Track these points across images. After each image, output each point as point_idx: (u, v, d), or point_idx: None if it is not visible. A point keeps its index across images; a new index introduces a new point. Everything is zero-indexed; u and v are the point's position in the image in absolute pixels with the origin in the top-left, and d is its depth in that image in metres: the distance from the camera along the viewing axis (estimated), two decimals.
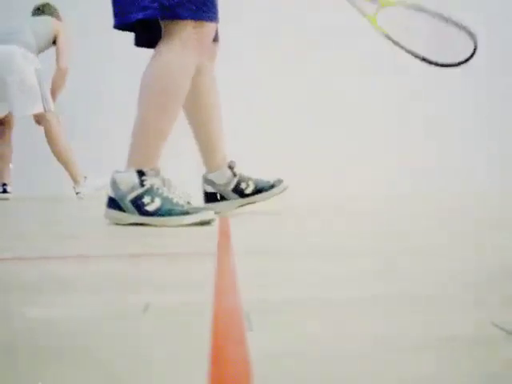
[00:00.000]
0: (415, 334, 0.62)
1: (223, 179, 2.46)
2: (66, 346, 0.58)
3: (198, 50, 2.05)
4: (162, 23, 2.05)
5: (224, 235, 1.67)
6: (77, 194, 4.35)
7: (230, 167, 2.47)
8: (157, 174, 1.98)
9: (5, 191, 4.50)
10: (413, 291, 0.84)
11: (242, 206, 2.48)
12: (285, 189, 2.46)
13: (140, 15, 2.01)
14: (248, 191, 2.45)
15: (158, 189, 1.93)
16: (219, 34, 2.40)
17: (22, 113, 4.26)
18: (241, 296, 0.79)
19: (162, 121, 2.03)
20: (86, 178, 4.31)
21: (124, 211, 1.94)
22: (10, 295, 0.84)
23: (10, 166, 4.61)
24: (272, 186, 2.46)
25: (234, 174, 2.46)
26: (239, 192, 2.46)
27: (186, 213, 1.88)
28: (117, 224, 1.97)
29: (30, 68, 4.20)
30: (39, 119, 4.28)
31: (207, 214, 1.90)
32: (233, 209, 2.47)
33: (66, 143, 4.29)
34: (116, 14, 2.08)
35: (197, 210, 1.90)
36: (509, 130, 5.98)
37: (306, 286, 0.88)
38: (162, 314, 0.71)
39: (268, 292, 0.83)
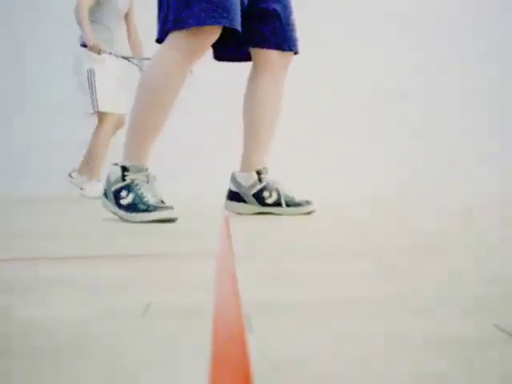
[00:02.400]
0: (415, 334, 0.62)
1: (248, 182, 2.47)
2: (66, 346, 0.58)
3: (185, 53, 2.12)
4: None
5: (224, 236, 1.67)
6: (80, 189, 4.40)
7: (258, 173, 2.46)
8: (140, 170, 2.12)
9: (70, 175, 4.52)
10: (413, 291, 0.84)
11: (258, 213, 2.46)
12: (308, 212, 2.41)
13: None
14: (269, 201, 2.45)
15: (136, 185, 2.08)
16: (298, 48, 2.47)
17: (86, 111, 4.39)
18: (241, 297, 0.79)
19: (147, 121, 2.15)
20: (99, 182, 4.35)
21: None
22: (9, 295, 0.84)
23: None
24: (296, 205, 2.43)
25: (260, 181, 2.46)
26: (260, 199, 2.46)
27: (148, 210, 2.01)
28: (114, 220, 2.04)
29: (84, 68, 4.31)
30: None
31: (168, 213, 2.00)
32: (248, 213, 2.46)
33: (106, 145, 4.37)
34: None
35: (158, 209, 2.00)
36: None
37: (306, 287, 0.88)
38: (163, 315, 0.71)
39: (268, 293, 0.83)
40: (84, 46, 4.34)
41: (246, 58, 2.48)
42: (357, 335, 0.62)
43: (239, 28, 2.15)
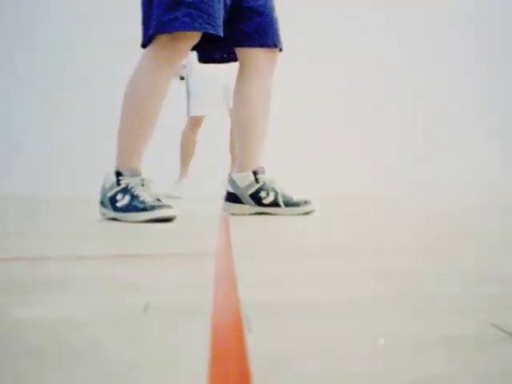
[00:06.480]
0: (415, 334, 0.61)
1: (244, 183, 2.46)
2: (65, 346, 0.58)
3: (168, 57, 2.15)
4: None
5: (224, 235, 1.67)
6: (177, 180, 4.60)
7: (255, 173, 2.46)
8: (134, 174, 2.15)
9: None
10: (413, 291, 0.84)
11: (255, 213, 2.46)
12: (306, 212, 2.41)
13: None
14: (266, 201, 2.44)
15: (131, 188, 2.11)
16: (283, 44, 2.45)
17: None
18: (240, 297, 0.79)
19: (136, 128, 2.18)
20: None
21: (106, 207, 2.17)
22: (7, 295, 0.84)
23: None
24: (294, 204, 2.42)
25: (257, 181, 2.45)
26: (257, 199, 2.45)
27: (145, 209, 2.02)
28: (107, 219, 2.15)
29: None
30: None
31: (166, 212, 2.01)
32: (245, 213, 2.46)
33: (187, 145, 4.45)
34: None
35: (157, 208, 2.01)
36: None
37: (305, 287, 0.88)
38: (162, 315, 0.71)
39: (267, 293, 0.83)
40: None
41: (232, 58, 2.48)
42: (357, 335, 0.61)
43: (221, 34, 2.17)
